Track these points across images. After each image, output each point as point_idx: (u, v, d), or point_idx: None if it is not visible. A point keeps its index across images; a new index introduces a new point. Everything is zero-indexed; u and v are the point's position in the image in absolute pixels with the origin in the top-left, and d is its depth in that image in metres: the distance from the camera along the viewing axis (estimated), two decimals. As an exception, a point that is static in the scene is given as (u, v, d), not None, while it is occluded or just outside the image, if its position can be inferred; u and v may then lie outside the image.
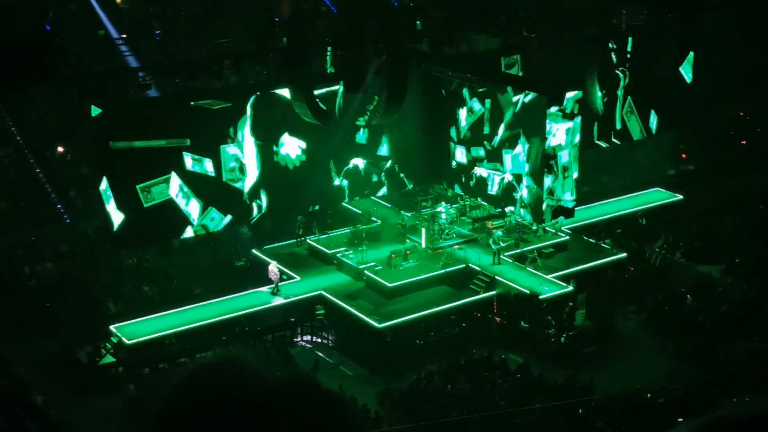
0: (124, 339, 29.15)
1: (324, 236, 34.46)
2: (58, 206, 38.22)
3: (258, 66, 31.36)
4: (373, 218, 35.36)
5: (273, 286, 31.71)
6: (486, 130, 33.94)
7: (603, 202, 39.21)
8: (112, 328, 29.75)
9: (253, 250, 34.45)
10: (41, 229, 36.15)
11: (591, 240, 35.66)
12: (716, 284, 33.93)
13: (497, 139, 33.44)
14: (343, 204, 36.02)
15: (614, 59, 37.55)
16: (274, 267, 31.90)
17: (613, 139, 38.96)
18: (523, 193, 32.55)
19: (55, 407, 26.62)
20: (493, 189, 34.16)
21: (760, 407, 1.81)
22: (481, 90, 33.34)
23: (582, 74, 35.26)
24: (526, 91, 32.01)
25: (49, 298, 32.45)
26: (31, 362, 29.23)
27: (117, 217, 29.20)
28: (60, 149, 40.52)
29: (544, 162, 31.05)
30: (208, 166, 30.69)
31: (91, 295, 32.72)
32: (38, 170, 39.57)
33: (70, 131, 39.41)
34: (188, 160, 30.22)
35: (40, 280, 33.67)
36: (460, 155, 35.33)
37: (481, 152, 34.37)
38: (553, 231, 34.79)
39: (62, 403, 26.97)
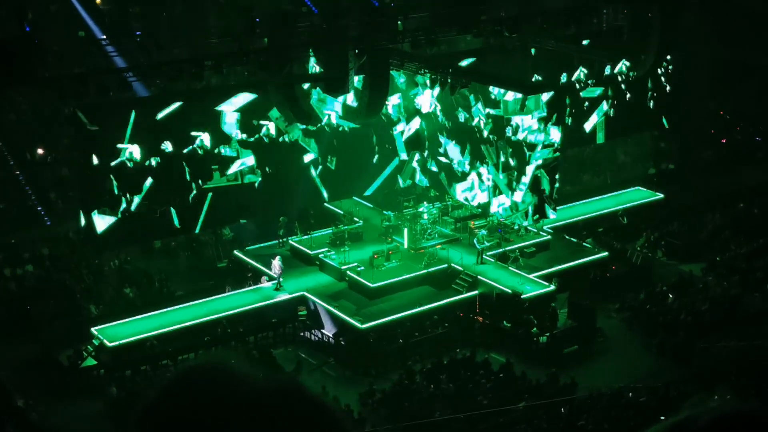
0: (105, 341, 29.02)
1: (306, 237, 34.40)
2: (39, 209, 37.97)
3: (239, 67, 31.22)
4: (355, 218, 35.33)
5: (276, 281, 31.69)
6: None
7: (584, 201, 39.31)
8: (93, 330, 29.63)
9: (235, 252, 34.36)
10: (21, 232, 35.89)
11: (573, 239, 35.74)
12: (697, 282, 34.05)
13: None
14: (325, 204, 36.02)
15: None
16: (276, 262, 31.82)
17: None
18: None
19: (37, 410, 26.46)
20: None
21: (720, 410, 1.80)
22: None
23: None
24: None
25: (30, 301, 32.24)
26: (12, 365, 29.04)
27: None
28: (40, 151, 40.28)
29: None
30: None
31: (73, 297, 32.53)
32: (18, 172, 39.31)
33: (50, 133, 39.18)
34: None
35: (20, 283, 33.44)
36: None
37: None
38: (535, 230, 34.86)
39: (43, 406, 26.81)
